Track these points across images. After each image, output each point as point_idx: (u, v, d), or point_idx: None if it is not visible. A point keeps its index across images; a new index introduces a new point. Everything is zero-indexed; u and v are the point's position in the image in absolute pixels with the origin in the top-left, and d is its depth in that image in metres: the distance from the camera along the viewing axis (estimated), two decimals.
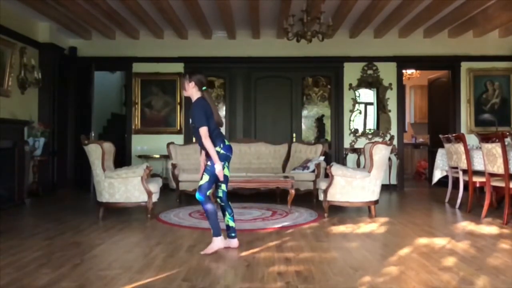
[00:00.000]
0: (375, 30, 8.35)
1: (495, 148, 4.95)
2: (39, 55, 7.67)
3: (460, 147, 5.95)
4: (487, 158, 5.18)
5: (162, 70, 8.51)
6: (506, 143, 4.96)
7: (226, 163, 3.80)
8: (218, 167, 3.68)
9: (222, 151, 3.74)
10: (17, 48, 6.98)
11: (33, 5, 6.61)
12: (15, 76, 7.00)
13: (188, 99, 4.01)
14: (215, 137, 3.75)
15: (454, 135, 6.29)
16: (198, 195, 3.71)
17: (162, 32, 8.46)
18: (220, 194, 3.91)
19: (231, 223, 3.93)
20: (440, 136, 6.58)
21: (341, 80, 8.66)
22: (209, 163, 3.72)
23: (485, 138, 5.19)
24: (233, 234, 3.93)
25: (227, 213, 3.93)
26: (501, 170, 4.93)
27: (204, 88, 3.83)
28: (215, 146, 3.71)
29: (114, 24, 7.77)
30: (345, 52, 8.57)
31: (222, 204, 3.94)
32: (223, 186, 3.89)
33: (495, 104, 8.53)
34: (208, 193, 3.71)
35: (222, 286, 2.92)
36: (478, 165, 5.72)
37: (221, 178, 3.76)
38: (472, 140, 6.89)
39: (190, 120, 3.85)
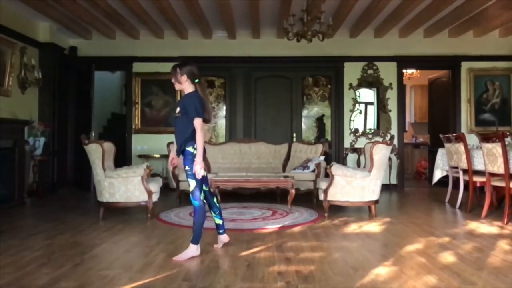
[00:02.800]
0: (375, 30, 8.35)
1: (496, 148, 4.95)
2: (39, 55, 7.67)
3: (460, 147, 5.95)
4: (487, 158, 5.18)
5: (162, 70, 8.49)
6: (506, 143, 4.96)
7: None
8: (198, 167, 3.50)
9: (195, 152, 3.57)
10: (17, 47, 6.98)
11: (34, 5, 6.61)
12: (15, 76, 7.00)
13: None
14: (193, 137, 3.57)
15: (454, 135, 6.29)
16: (193, 201, 3.61)
17: (162, 32, 8.46)
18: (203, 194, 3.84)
19: (218, 221, 3.91)
20: (440, 136, 6.58)
21: (341, 80, 8.65)
22: (187, 167, 3.58)
23: (485, 138, 5.19)
24: (221, 231, 3.93)
25: (212, 212, 3.90)
26: (501, 170, 4.93)
27: (197, 80, 3.65)
28: (189, 146, 3.56)
29: (114, 24, 7.77)
30: (345, 52, 8.57)
31: (208, 203, 3.89)
32: (203, 186, 3.76)
33: (495, 104, 8.53)
34: (201, 197, 3.65)
35: (222, 286, 2.92)
36: (478, 165, 5.72)
37: (199, 177, 3.56)
38: (472, 140, 6.88)
39: (178, 109, 3.66)
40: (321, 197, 5.58)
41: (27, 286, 2.90)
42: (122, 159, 8.09)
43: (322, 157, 7.09)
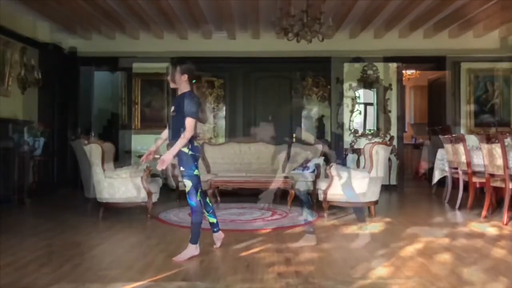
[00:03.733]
0: (375, 30, 8.35)
1: (495, 149, 4.95)
2: (39, 55, 7.65)
3: (460, 147, 5.95)
4: (487, 159, 5.18)
5: (162, 70, 8.48)
6: (506, 144, 4.96)
7: (196, 164, 3.68)
8: (168, 156, 3.57)
9: (190, 152, 3.60)
10: (17, 48, 6.98)
11: (33, 5, 6.61)
12: (15, 76, 7.00)
13: None
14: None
15: (454, 135, 6.29)
16: (190, 202, 3.63)
17: (162, 32, 8.46)
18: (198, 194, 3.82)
19: (212, 219, 3.91)
20: (440, 136, 6.58)
21: (341, 80, 8.65)
22: (182, 168, 3.63)
23: (485, 139, 5.19)
24: (215, 229, 3.93)
25: (205, 211, 3.89)
26: (501, 171, 4.94)
27: (194, 81, 3.66)
28: (184, 146, 3.58)
29: (114, 24, 7.77)
30: (345, 52, 8.57)
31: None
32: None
33: (495, 104, 8.53)
34: (198, 197, 3.64)
35: (222, 286, 2.92)
36: (478, 166, 5.72)
37: (160, 168, 3.64)
38: (472, 140, 6.88)
39: (172, 108, 3.67)
40: (321, 197, 5.58)
41: (27, 286, 2.90)
42: (122, 159, 8.07)
43: (322, 158, 7.09)
